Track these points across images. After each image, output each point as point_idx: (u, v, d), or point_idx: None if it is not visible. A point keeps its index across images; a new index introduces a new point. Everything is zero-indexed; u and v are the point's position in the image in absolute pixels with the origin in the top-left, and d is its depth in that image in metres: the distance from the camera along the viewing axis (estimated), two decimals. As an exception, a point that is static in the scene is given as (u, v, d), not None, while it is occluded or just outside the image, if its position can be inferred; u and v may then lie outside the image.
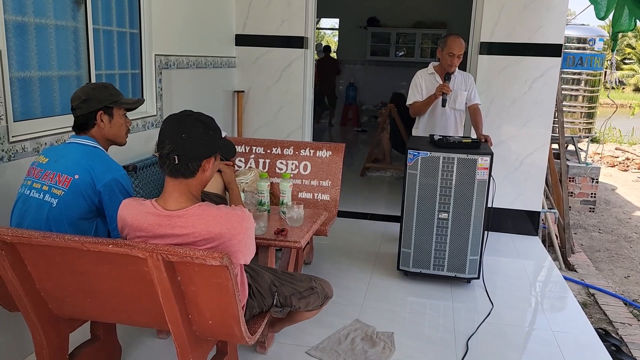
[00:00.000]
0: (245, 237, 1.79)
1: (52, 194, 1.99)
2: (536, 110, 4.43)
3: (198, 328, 1.86)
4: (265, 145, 3.72)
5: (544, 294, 3.59)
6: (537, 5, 4.29)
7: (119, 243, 1.68)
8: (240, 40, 4.83)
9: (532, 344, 2.94)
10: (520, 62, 4.39)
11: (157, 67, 3.54)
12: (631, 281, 4.87)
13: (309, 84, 4.91)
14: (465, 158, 3.26)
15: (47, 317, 1.97)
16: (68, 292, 1.91)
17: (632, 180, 9.22)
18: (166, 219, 1.75)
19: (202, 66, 4.21)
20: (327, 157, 3.62)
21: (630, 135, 13.43)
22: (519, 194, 4.56)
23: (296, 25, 4.74)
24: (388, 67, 10.65)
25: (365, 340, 2.79)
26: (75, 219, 2.00)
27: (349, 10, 10.42)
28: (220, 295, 1.73)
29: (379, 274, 3.64)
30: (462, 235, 3.36)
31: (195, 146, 1.72)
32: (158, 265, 1.66)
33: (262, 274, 2.17)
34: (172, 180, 1.75)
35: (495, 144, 4.02)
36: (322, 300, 2.30)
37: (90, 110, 2.11)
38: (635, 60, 29.47)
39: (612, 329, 3.82)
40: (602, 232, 6.27)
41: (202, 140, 1.73)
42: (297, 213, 2.71)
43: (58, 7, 2.72)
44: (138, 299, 1.85)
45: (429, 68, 3.96)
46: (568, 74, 6.74)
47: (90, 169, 2.01)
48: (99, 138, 2.14)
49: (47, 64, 2.68)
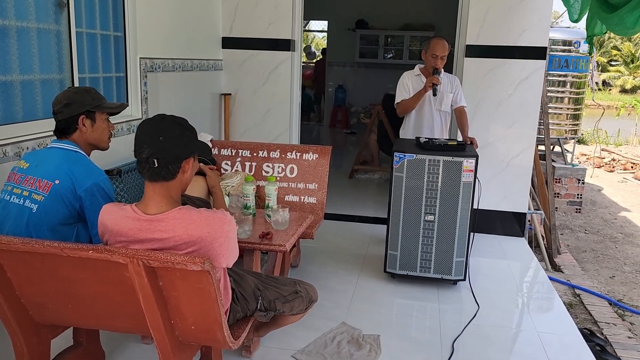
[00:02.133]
0: (227, 241, 1.78)
1: (32, 200, 1.97)
2: (522, 112, 4.47)
3: (181, 333, 1.85)
4: (251, 148, 3.71)
5: (529, 295, 3.62)
6: (521, 9, 4.32)
7: (98, 249, 1.67)
8: (227, 43, 4.83)
9: (517, 345, 2.96)
10: (506, 64, 4.42)
11: (142, 70, 3.52)
12: (616, 281, 4.91)
13: (296, 87, 4.91)
14: (451, 160, 3.27)
15: (27, 324, 1.95)
16: (49, 298, 1.89)
17: (617, 181, 9.31)
18: (147, 223, 1.74)
19: (188, 69, 4.19)
20: (313, 160, 3.62)
21: (616, 137, 13.57)
22: (506, 196, 4.59)
23: (283, 28, 4.74)
24: (377, 69, 10.68)
25: (351, 343, 2.79)
26: (56, 225, 1.98)
27: (338, 13, 10.45)
28: (203, 300, 1.73)
29: (366, 277, 3.64)
30: (448, 237, 3.37)
31: (173, 148, 1.71)
32: (139, 271, 1.65)
33: (245, 278, 2.16)
34: (151, 185, 1.75)
35: (482, 146, 4.05)
36: (307, 304, 2.30)
37: (72, 114, 2.09)
38: (622, 62, 29.82)
39: (597, 329, 3.85)
40: (588, 233, 6.33)
41: (180, 142, 1.73)
42: (282, 216, 2.70)
43: (40, 10, 2.70)
44: (120, 304, 1.84)
45: (415, 70, 3.98)
46: (554, 76, 6.80)
47: (71, 174, 1.99)
48: (80, 143, 2.12)
49: (29, 67, 2.65)
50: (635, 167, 10.23)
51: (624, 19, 2.32)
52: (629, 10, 2.24)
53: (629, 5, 2.25)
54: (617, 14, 2.38)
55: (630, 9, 2.23)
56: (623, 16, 2.31)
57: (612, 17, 2.43)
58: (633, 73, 28.96)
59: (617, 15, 2.38)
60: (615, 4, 2.42)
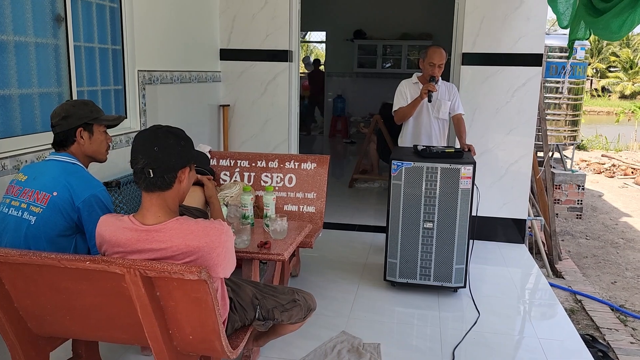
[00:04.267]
0: (225, 251, 1.79)
1: (30, 212, 1.98)
2: (519, 119, 4.48)
3: (179, 343, 1.85)
4: (250, 159, 3.73)
5: (530, 302, 3.60)
6: (517, 16, 4.35)
7: (96, 259, 1.67)
8: (225, 55, 4.86)
9: (518, 351, 2.94)
10: (502, 72, 4.44)
11: (141, 83, 3.55)
12: (618, 287, 4.90)
13: (294, 97, 4.93)
14: (449, 168, 3.28)
15: (26, 336, 1.95)
16: (47, 310, 1.89)
17: (618, 187, 9.30)
18: (144, 233, 1.75)
19: (186, 81, 4.22)
20: (312, 169, 3.63)
21: (616, 142, 13.59)
22: (505, 202, 4.59)
23: (281, 39, 4.77)
24: (375, 78, 10.72)
25: (351, 352, 2.78)
26: (54, 236, 1.99)
27: (336, 23, 10.52)
28: (200, 310, 1.73)
29: (366, 285, 3.63)
30: (448, 244, 3.37)
31: (168, 157, 1.72)
32: (136, 281, 1.65)
33: (243, 288, 2.16)
34: (148, 195, 1.75)
35: (480, 153, 4.06)
36: (305, 312, 2.30)
37: (69, 127, 2.11)
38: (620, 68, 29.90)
39: (599, 334, 3.83)
40: (589, 239, 6.31)
41: (174, 151, 1.74)
42: (281, 225, 2.71)
43: (38, 25, 2.73)
44: (118, 315, 1.84)
45: (412, 78, 4.01)
46: (551, 82, 6.83)
47: (69, 186, 2.00)
48: (78, 155, 2.14)
49: (27, 81, 2.68)
50: (635, 172, 10.23)
51: (609, 24, 2.34)
52: (614, 15, 2.26)
53: (614, 10, 2.27)
54: (602, 19, 2.40)
55: (616, 14, 2.25)
56: (608, 21, 2.33)
57: (598, 21, 2.46)
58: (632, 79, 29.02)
59: (602, 19, 2.40)
60: (602, 9, 2.44)
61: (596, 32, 2.80)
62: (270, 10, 4.72)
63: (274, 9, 4.71)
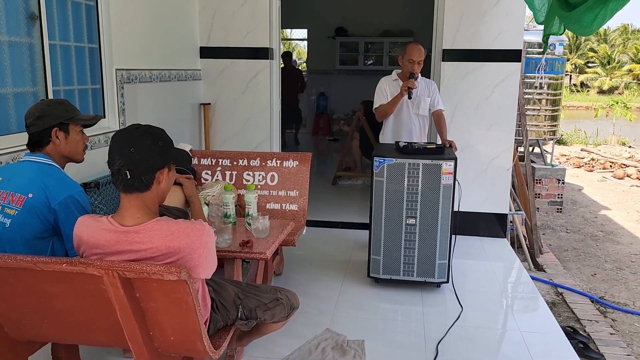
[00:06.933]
0: (206, 251, 1.77)
1: (5, 214, 1.94)
2: (500, 115, 4.52)
3: (160, 345, 1.83)
4: (231, 157, 3.70)
5: (513, 296, 3.64)
6: (495, 12, 4.39)
7: (73, 262, 1.64)
8: (205, 53, 4.82)
9: (501, 345, 2.97)
10: (482, 68, 4.47)
11: (119, 82, 3.50)
12: (597, 279, 4.97)
13: (275, 95, 4.91)
14: (430, 163, 3.30)
15: (3, 341, 1.91)
16: (24, 314, 1.86)
17: (597, 180, 9.45)
18: (123, 235, 1.72)
19: (166, 79, 4.17)
20: (294, 167, 3.62)
21: (595, 137, 13.80)
22: (487, 197, 4.63)
23: (261, 36, 4.74)
24: (357, 75, 10.74)
25: (335, 349, 2.78)
26: (30, 239, 1.95)
27: (317, 21, 10.50)
28: (181, 311, 1.71)
29: (350, 282, 3.64)
30: (430, 240, 3.38)
31: (145, 159, 1.69)
32: (114, 283, 1.62)
33: (225, 287, 2.15)
34: (127, 196, 1.73)
35: (462, 149, 4.08)
36: (288, 311, 2.29)
37: (44, 127, 2.07)
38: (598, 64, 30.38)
39: (580, 326, 3.89)
40: (569, 232, 6.40)
41: (152, 152, 1.71)
42: (263, 224, 2.69)
43: (12, 23, 2.67)
44: (97, 318, 1.81)
45: (392, 75, 4.01)
46: (531, 78, 6.90)
47: (45, 187, 1.96)
48: (54, 155, 2.10)
49: (1, 81, 2.62)
50: (614, 166, 10.40)
51: (580, 18, 2.36)
52: (586, 10, 2.28)
53: (585, 4, 2.29)
54: (575, 13, 2.42)
55: (587, 8, 2.27)
56: (580, 15, 2.35)
57: (570, 15, 2.48)
58: (610, 74, 29.51)
59: (575, 13, 2.42)
60: (574, 3, 2.47)
61: (569, 26, 2.83)
62: (250, 8, 4.68)
63: (254, 6, 4.68)
